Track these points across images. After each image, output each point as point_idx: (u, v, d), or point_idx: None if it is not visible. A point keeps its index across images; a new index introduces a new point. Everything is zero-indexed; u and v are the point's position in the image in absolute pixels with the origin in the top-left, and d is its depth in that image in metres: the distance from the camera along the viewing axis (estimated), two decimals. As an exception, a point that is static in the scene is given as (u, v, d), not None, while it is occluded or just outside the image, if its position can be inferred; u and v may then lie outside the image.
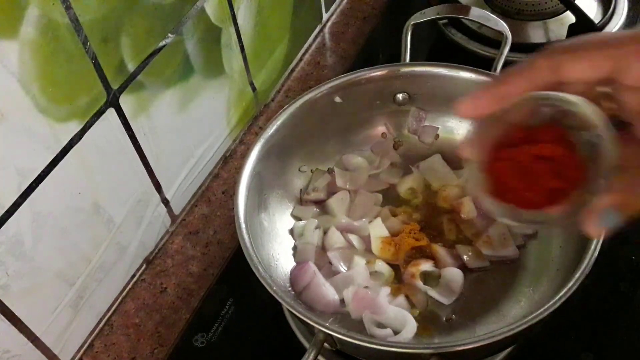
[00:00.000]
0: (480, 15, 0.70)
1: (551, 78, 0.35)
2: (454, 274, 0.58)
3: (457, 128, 0.68)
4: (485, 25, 0.70)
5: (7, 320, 0.52)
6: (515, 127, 0.39)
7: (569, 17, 0.82)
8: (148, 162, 0.64)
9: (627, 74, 0.34)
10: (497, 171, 0.40)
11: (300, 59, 0.89)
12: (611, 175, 0.36)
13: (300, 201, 0.67)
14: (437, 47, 0.89)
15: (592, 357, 0.58)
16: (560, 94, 0.36)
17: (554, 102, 0.37)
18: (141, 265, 0.68)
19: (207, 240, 0.71)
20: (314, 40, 0.92)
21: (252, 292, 0.64)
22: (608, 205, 0.36)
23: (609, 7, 0.86)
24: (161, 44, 0.60)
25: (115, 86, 0.56)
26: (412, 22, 0.70)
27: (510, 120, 0.38)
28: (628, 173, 0.36)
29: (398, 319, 0.55)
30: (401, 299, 0.58)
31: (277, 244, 0.62)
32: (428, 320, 0.57)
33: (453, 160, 0.67)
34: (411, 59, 0.68)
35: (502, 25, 0.68)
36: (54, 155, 0.51)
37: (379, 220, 0.62)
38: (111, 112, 0.56)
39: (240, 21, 0.71)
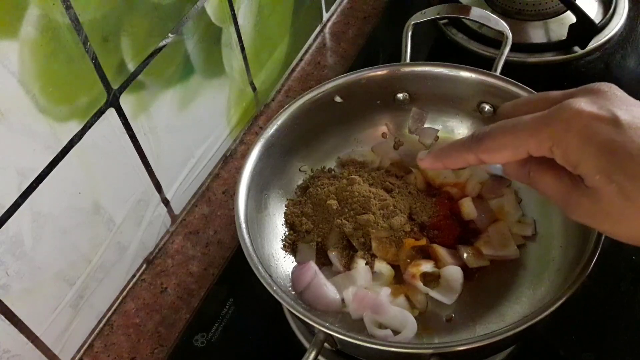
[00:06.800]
0: (480, 15, 0.70)
1: (478, 162, 0.45)
2: (453, 272, 0.58)
3: (457, 128, 0.68)
4: (486, 25, 0.70)
5: (7, 320, 0.52)
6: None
7: (570, 17, 0.82)
8: (148, 162, 0.64)
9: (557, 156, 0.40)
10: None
11: (301, 59, 0.89)
12: None
13: (301, 201, 0.67)
14: (438, 47, 0.89)
15: (592, 357, 0.58)
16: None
17: None
18: (141, 265, 0.68)
19: (207, 240, 0.71)
20: (315, 40, 0.92)
21: (252, 292, 0.64)
22: None
23: (610, 7, 0.86)
24: (161, 43, 0.60)
25: (115, 86, 0.56)
26: (412, 22, 0.70)
27: None
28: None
29: (398, 319, 0.55)
30: (402, 299, 0.57)
31: (277, 244, 0.62)
32: (428, 320, 0.57)
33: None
34: (411, 58, 0.68)
35: (503, 25, 0.68)
36: (54, 155, 0.51)
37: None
38: (111, 112, 0.56)
39: (240, 21, 0.71)
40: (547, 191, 0.43)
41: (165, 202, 0.69)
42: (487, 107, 0.65)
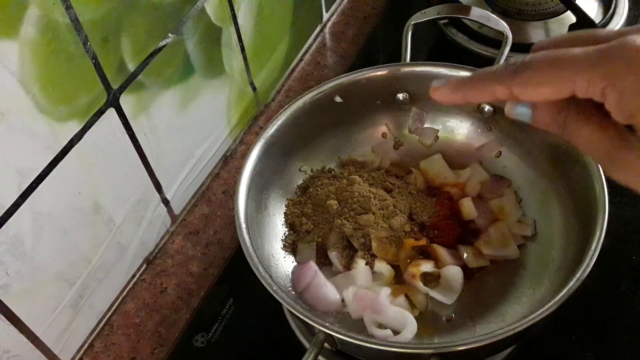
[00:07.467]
0: (480, 15, 0.70)
1: (509, 97, 0.37)
2: (453, 272, 0.58)
3: (457, 128, 0.68)
4: (486, 25, 0.70)
5: (7, 320, 0.52)
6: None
7: (570, 17, 0.82)
8: (148, 162, 0.64)
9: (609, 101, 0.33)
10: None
11: (301, 59, 0.89)
12: None
13: (301, 201, 0.67)
14: (438, 47, 0.89)
15: (592, 358, 0.58)
16: None
17: None
18: (141, 265, 0.68)
19: (208, 240, 0.71)
20: (315, 40, 0.92)
21: (252, 292, 0.64)
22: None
23: (610, 7, 0.86)
24: (161, 43, 0.60)
25: (115, 86, 0.56)
26: (412, 22, 0.70)
27: None
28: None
29: (398, 319, 0.55)
30: (402, 299, 0.58)
31: (277, 244, 0.62)
32: (428, 320, 0.57)
33: (454, 161, 0.67)
34: (411, 58, 0.68)
35: (503, 25, 0.68)
36: (54, 155, 0.51)
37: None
38: (111, 112, 0.56)
39: (240, 21, 0.71)
40: (586, 145, 0.37)
41: (165, 202, 0.69)
42: (487, 107, 0.65)
